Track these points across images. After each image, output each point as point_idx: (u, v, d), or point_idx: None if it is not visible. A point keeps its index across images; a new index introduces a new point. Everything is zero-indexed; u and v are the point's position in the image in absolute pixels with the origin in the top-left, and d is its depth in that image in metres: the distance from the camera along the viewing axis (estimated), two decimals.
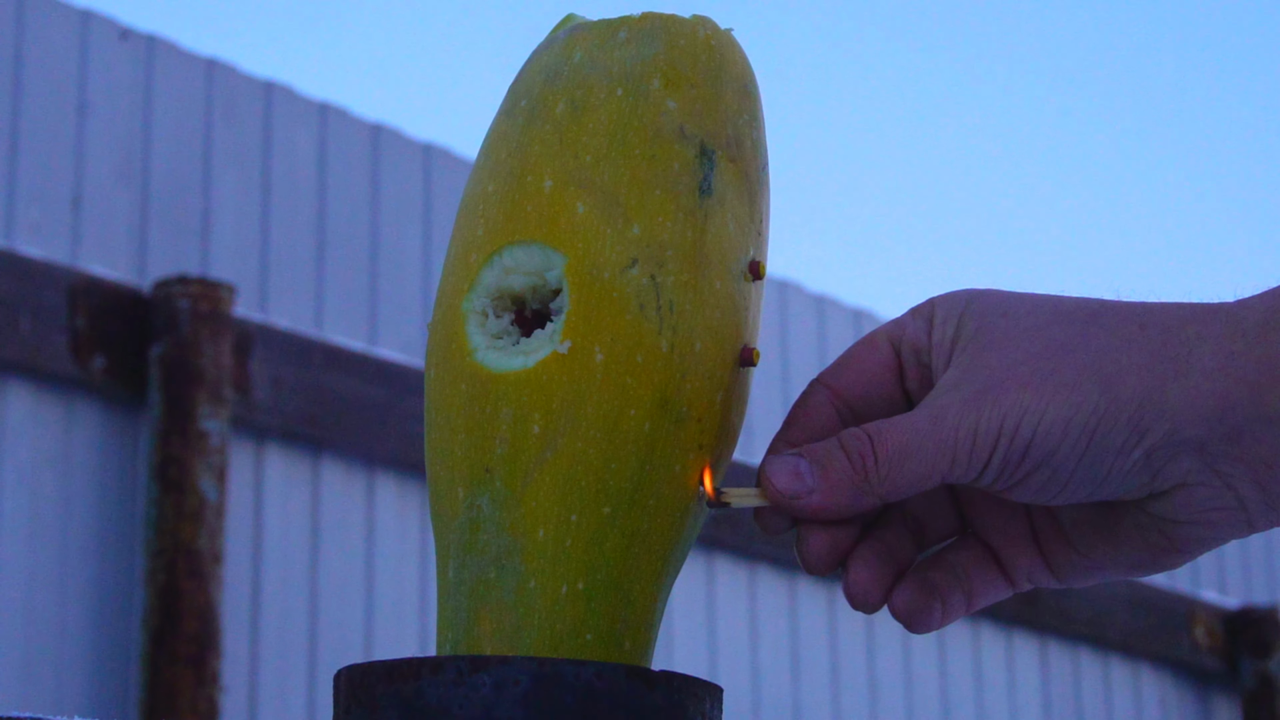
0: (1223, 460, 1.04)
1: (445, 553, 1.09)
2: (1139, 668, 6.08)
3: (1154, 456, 1.05)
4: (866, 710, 5.39)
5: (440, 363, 1.10)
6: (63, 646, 3.96)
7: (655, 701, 1.02)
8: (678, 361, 1.07)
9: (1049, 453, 1.04)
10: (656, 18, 1.13)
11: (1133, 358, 1.05)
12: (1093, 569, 1.11)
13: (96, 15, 4.27)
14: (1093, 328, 1.06)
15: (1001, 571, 1.13)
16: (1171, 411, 1.04)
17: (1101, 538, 1.10)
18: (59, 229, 4.12)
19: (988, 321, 1.08)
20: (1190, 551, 1.09)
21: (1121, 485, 1.06)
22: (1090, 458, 1.04)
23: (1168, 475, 1.05)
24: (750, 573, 5.19)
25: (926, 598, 1.10)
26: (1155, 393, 1.04)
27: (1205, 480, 1.05)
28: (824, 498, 1.07)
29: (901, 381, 1.12)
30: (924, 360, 1.11)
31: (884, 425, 1.07)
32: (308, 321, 4.43)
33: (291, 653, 4.27)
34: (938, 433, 1.05)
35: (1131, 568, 1.11)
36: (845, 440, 1.07)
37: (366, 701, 1.03)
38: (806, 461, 1.07)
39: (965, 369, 1.07)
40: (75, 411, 4.07)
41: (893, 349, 1.12)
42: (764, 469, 1.08)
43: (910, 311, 1.12)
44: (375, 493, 4.48)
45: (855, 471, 1.06)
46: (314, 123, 4.57)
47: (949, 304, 1.11)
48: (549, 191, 1.09)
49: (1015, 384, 1.05)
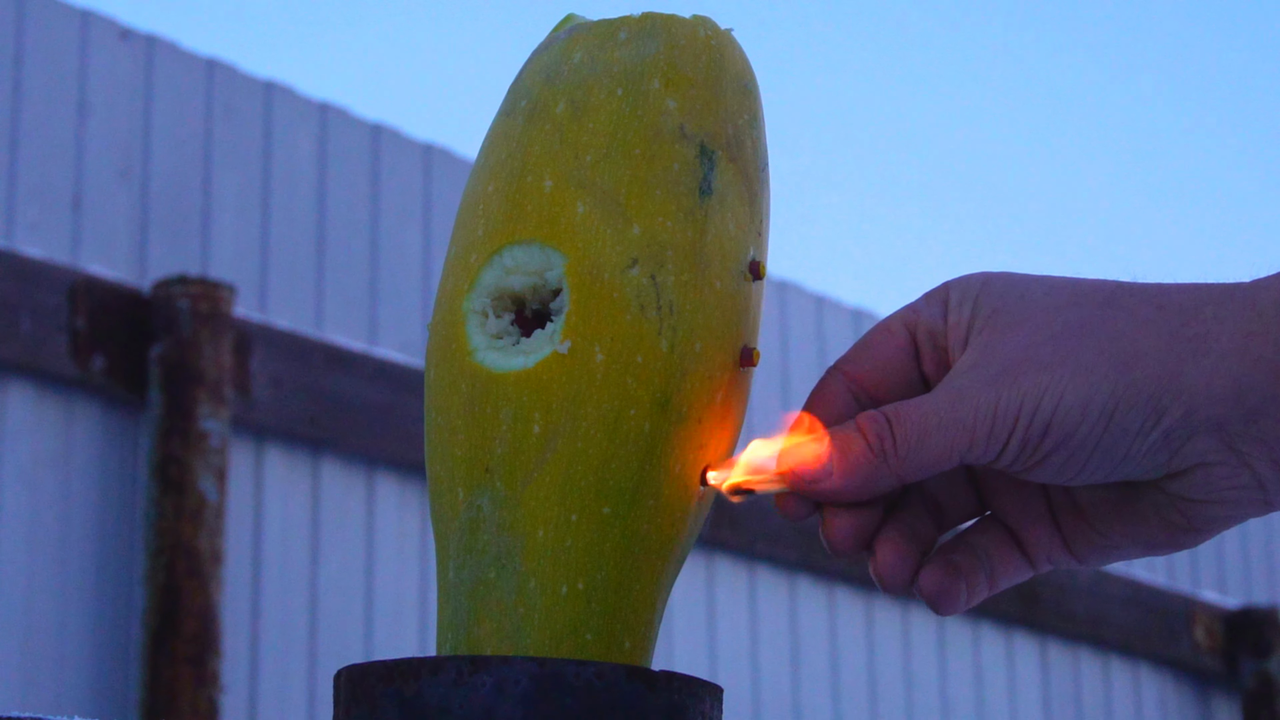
0: (1241, 440, 1.05)
1: (445, 553, 1.09)
2: (1139, 668, 6.08)
3: (1172, 437, 1.05)
4: (866, 710, 5.39)
5: (440, 363, 1.10)
6: (63, 646, 3.96)
7: (655, 701, 1.02)
8: (678, 361, 1.07)
9: (1067, 433, 1.05)
10: (656, 18, 1.13)
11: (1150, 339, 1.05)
12: (1111, 548, 1.12)
13: (96, 15, 4.27)
14: (1110, 309, 1.07)
15: (1022, 552, 1.13)
16: (1189, 392, 1.05)
17: (1120, 517, 1.10)
18: (59, 229, 4.12)
19: (1004, 303, 1.09)
20: (1208, 531, 1.09)
21: (1140, 465, 1.06)
22: (1109, 438, 1.05)
23: (1186, 455, 1.06)
24: (750, 573, 5.19)
25: (951, 579, 1.11)
26: (1173, 374, 1.05)
27: (1223, 460, 1.06)
28: (842, 480, 1.07)
29: (918, 365, 1.13)
30: (940, 344, 1.12)
31: (902, 407, 1.07)
32: (308, 321, 4.43)
33: (291, 653, 4.27)
34: (956, 413, 1.06)
35: (1150, 547, 1.11)
36: (863, 422, 1.08)
37: (366, 701, 1.03)
38: (825, 445, 1.08)
39: (983, 351, 1.08)
40: (75, 411, 4.07)
41: (908, 333, 1.13)
42: (782, 454, 1.09)
43: (924, 296, 1.13)
44: (375, 493, 4.48)
45: (873, 453, 1.07)
46: (314, 123, 4.56)
47: (964, 287, 1.11)
48: (549, 191, 1.09)
49: (1034, 365, 1.06)
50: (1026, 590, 5.68)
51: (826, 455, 1.08)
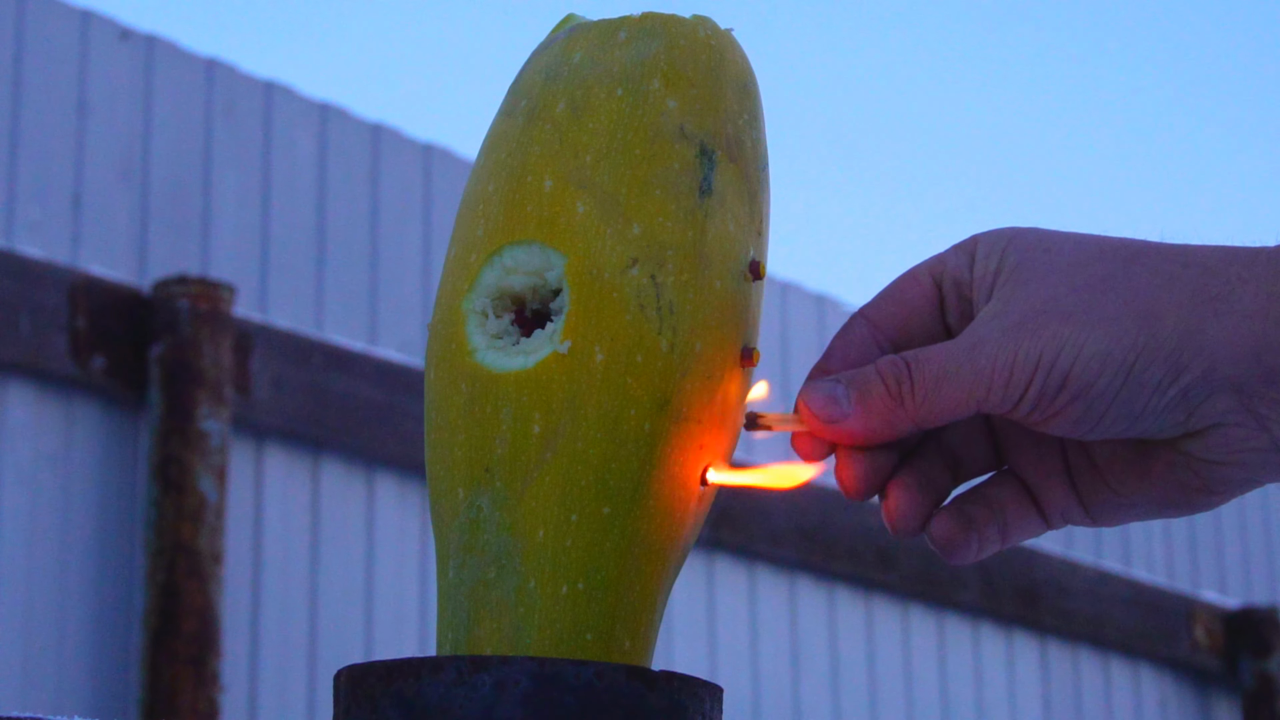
0: (1259, 401, 1.05)
1: (445, 553, 1.09)
2: (1139, 668, 6.08)
3: (1190, 394, 1.05)
4: (866, 710, 5.39)
5: (440, 363, 1.10)
6: (63, 646, 3.96)
7: (655, 702, 1.02)
8: (678, 361, 1.07)
9: (1086, 385, 1.05)
10: (656, 18, 1.13)
11: (1173, 296, 1.06)
12: (1126, 507, 1.12)
13: (96, 15, 4.27)
14: (1134, 265, 1.07)
15: (1037, 508, 1.14)
16: (1209, 350, 1.05)
17: (1135, 475, 1.11)
18: (59, 229, 4.12)
19: (1029, 257, 1.09)
20: (1223, 493, 1.09)
21: (1157, 422, 1.06)
22: (1127, 393, 1.05)
23: (1203, 414, 1.06)
24: (750, 573, 5.19)
25: (963, 529, 1.11)
26: (1194, 331, 1.05)
27: (1241, 421, 1.06)
28: (860, 422, 1.08)
29: (942, 315, 1.13)
30: (965, 294, 1.12)
31: (922, 353, 1.08)
32: (308, 321, 4.43)
33: (291, 653, 4.27)
34: (975, 361, 1.06)
35: (1165, 507, 1.11)
36: (883, 366, 1.08)
37: (366, 701, 1.03)
38: (843, 386, 1.09)
39: (1005, 302, 1.08)
40: (75, 411, 4.07)
41: (934, 282, 1.13)
42: (802, 394, 1.09)
43: (953, 247, 1.14)
44: (375, 493, 4.48)
45: (892, 397, 1.07)
46: (314, 123, 4.56)
47: (992, 240, 1.12)
48: (549, 191, 1.09)
49: (1055, 316, 1.06)
50: (1026, 590, 5.69)
51: (845, 397, 1.08)
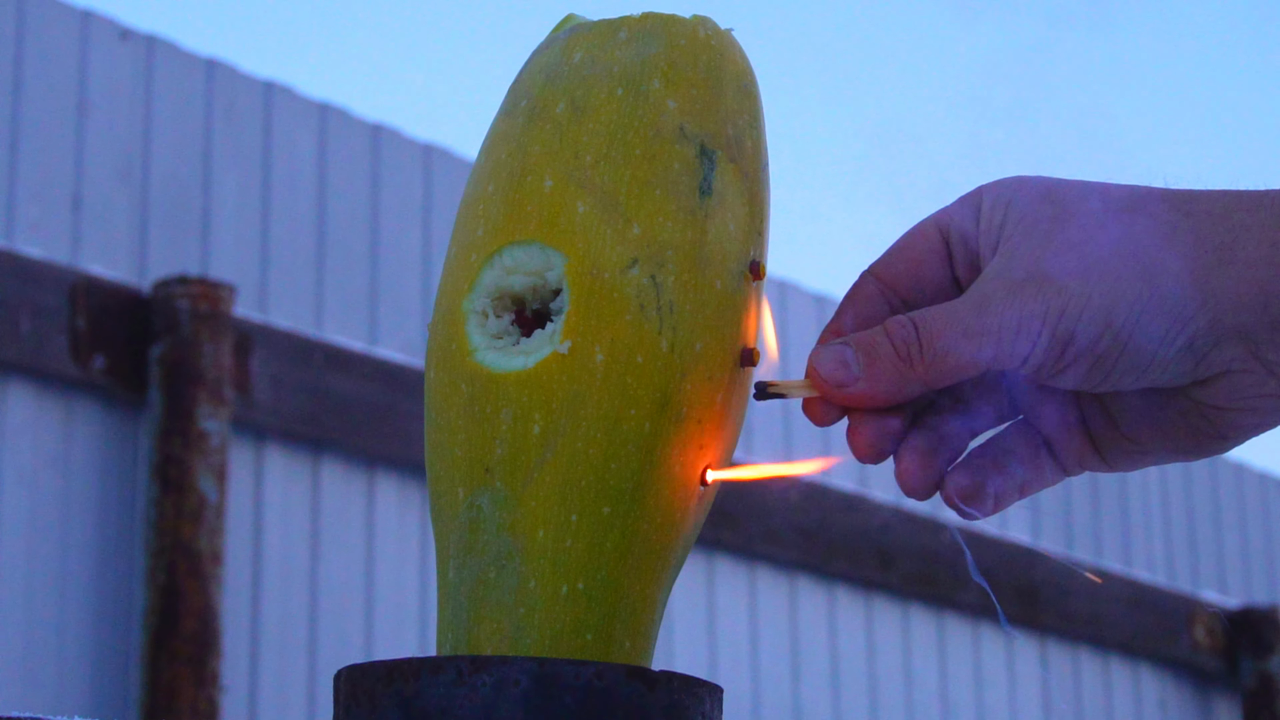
0: (1267, 348, 1.05)
1: (445, 553, 1.09)
2: (1139, 668, 6.08)
3: (1196, 344, 1.06)
4: (866, 710, 5.39)
5: (440, 363, 1.10)
6: (63, 646, 3.96)
7: (655, 701, 1.02)
8: (678, 361, 1.07)
9: (1091, 342, 1.06)
10: (656, 18, 1.13)
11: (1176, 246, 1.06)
12: (1140, 454, 1.13)
13: (96, 15, 4.27)
14: (1138, 215, 1.07)
15: (1052, 457, 1.14)
16: (1214, 300, 1.05)
17: (1149, 423, 1.11)
18: (59, 229, 4.12)
19: (1034, 209, 1.09)
20: (1235, 438, 1.10)
21: (1166, 373, 1.07)
22: (1134, 346, 1.06)
23: (1211, 363, 1.06)
24: (750, 573, 5.19)
25: (979, 483, 1.12)
26: (1198, 281, 1.05)
27: (1249, 368, 1.06)
28: (869, 385, 1.08)
29: (950, 269, 1.13)
30: (972, 247, 1.12)
31: (929, 313, 1.08)
32: (308, 321, 4.43)
33: (291, 653, 4.27)
34: (982, 321, 1.07)
35: (1179, 453, 1.12)
36: (890, 328, 1.08)
37: (366, 701, 1.03)
38: (852, 350, 1.09)
39: (1010, 257, 1.08)
40: (75, 411, 4.07)
41: (941, 237, 1.13)
42: (812, 358, 1.09)
43: (959, 200, 1.14)
44: (375, 493, 4.48)
45: (900, 359, 1.08)
46: (314, 123, 4.56)
47: (997, 192, 1.12)
48: (549, 191, 1.09)
49: (1059, 274, 1.06)
50: (1026, 590, 5.69)
51: (854, 360, 1.08)
